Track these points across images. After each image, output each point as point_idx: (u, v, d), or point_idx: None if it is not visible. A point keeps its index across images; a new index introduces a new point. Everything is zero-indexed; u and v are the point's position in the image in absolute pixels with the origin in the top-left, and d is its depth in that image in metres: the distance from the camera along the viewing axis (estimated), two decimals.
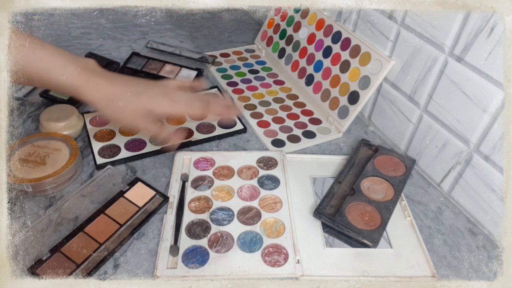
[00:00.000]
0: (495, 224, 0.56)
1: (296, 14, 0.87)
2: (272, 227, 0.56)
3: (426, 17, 0.58)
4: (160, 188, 0.61)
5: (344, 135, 0.74)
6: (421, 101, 0.63)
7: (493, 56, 0.50)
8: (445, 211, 0.61)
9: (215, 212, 0.58)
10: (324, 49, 0.79)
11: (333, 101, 0.75)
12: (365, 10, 0.70)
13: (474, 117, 0.55)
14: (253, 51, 0.98)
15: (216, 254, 0.52)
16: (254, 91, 0.84)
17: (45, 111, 0.68)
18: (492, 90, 0.51)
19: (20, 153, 0.61)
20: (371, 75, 0.69)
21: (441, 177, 0.63)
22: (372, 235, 0.53)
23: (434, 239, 0.57)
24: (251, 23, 1.11)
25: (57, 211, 0.56)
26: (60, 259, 0.50)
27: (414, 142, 0.67)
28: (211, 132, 0.72)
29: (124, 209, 0.57)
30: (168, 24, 1.07)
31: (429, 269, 0.52)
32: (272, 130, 0.74)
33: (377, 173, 0.63)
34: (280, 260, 0.52)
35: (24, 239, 0.52)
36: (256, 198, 0.60)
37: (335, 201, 0.59)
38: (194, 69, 0.86)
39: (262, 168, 0.65)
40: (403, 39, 0.63)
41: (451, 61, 0.56)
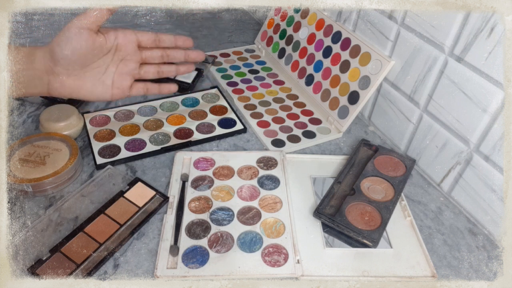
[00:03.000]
0: (495, 224, 0.56)
1: (296, 14, 0.87)
2: (272, 227, 0.56)
3: (426, 17, 0.58)
4: (160, 188, 0.61)
5: (344, 135, 0.74)
6: (421, 101, 0.63)
7: (493, 56, 0.50)
8: (445, 211, 0.61)
9: (215, 212, 0.58)
10: (324, 49, 0.79)
11: (333, 101, 0.75)
12: (365, 10, 0.70)
13: (474, 117, 0.55)
14: (253, 51, 0.98)
15: (216, 254, 0.52)
16: (254, 91, 0.84)
17: (45, 111, 0.68)
18: (492, 90, 0.51)
19: (20, 153, 0.61)
20: (371, 75, 0.69)
21: (441, 177, 0.63)
22: (372, 235, 0.53)
23: (434, 239, 0.57)
24: (251, 23, 1.11)
25: (57, 211, 0.56)
26: (60, 259, 0.50)
27: (414, 142, 0.67)
28: (211, 132, 0.72)
29: (124, 209, 0.57)
30: (168, 24, 1.07)
31: (429, 269, 0.52)
32: (272, 130, 0.74)
33: (377, 173, 0.63)
34: (280, 260, 0.52)
35: (24, 239, 0.52)
36: (256, 198, 0.60)
37: (335, 201, 0.59)
38: (194, 69, 0.86)
39: (262, 168, 0.65)
40: (403, 39, 0.63)
41: (451, 61, 0.56)
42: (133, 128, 0.71)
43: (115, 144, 0.68)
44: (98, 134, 0.70)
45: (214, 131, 0.72)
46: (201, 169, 0.64)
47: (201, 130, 0.72)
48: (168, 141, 0.69)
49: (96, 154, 0.65)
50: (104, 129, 0.71)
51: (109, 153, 0.66)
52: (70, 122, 0.67)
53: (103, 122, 0.72)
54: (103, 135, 0.70)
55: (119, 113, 0.75)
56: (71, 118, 0.67)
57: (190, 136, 0.71)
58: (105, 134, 0.70)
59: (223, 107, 0.78)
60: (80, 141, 0.69)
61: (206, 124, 0.74)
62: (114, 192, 0.59)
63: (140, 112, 0.75)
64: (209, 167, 0.65)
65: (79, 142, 0.68)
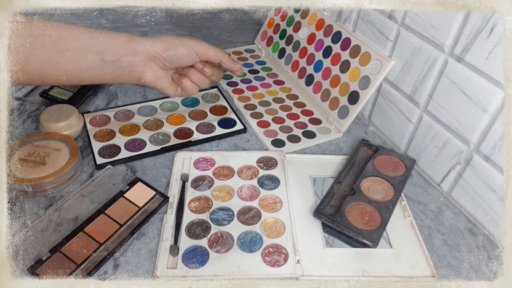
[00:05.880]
0: (495, 224, 0.56)
1: (296, 14, 0.87)
2: (272, 227, 0.56)
3: (426, 17, 0.58)
4: (160, 188, 0.61)
5: (344, 135, 0.74)
6: (421, 101, 0.63)
7: (493, 56, 0.50)
8: (445, 211, 0.61)
9: (215, 212, 0.58)
10: (324, 49, 0.79)
11: (333, 101, 0.75)
12: (365, 10, 0.70)
13: (474, 117, 0.55)
14: (253, 51, 0.98)
15: (216, 254, 0.52)
16: (254, 91, 0.84)
17: (45, 111, 0.68)
18: (492, 90, 0.51)
19: (20, 153, 0.61)
20: (371, 75, 0.69)
21: (441, 177, 0.63)
22: (372, 235, 0.53)
23: (434, 239, 0.57)
24: (251, 23, 1.11)
25: (57, 211, 0.56)
26: (60, 259, 0.50)
27: (414, 142, 0.67)
28: (211, 132, 0.72)
29: (124, 209, 0.57)
30: (168, 24, 1.07)
31: (429, 269, 0.52)
32: (272, 130, 0.74)
33: (377, 173, 0.63)
34: (280, 260, 0.52)
35: (24, 239, 0.52)
36: (256, 198, 0.60)
37: (335, 201, 0.59)
38: None
39: (262, 168, 0.65)
40: (403, 39, 0.63)
41: (451, 61, 0.56)
42: (133, 128, 0.71)
43: (115, 144, 0.68)
44: (98, 134, 0.70)
45: (214, 131, 0.72)
46: (201, 169, 0.64)
47: (201, 130, 0.72)
48: (168, 141, 0.69)
49: (96, 154, 0.65)
50: (104, 129, 0.71)
51: (109, 153, 0.66)
52: (70, 122, 0.67)
53: (103, 122, 0.72)
54: (103, 135, 0.70)
55: (119, 113, 0.75)
56: (71, 118, 0.67)
57: (190, 136, 0.71)
58: (105, 134, 0.70)
59: (223, 107, 0.78)
60: (80, 141, 0.69)
61: (206, 124, 0.74)
62: (114, 192, 0.59)
63: (140, 112, 0.75)
64: (209, 167, 0.65)
65: (79, 142, 0.68)
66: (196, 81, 0.62)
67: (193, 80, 0.62)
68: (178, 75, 0.62)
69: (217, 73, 0.64)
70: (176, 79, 0.62)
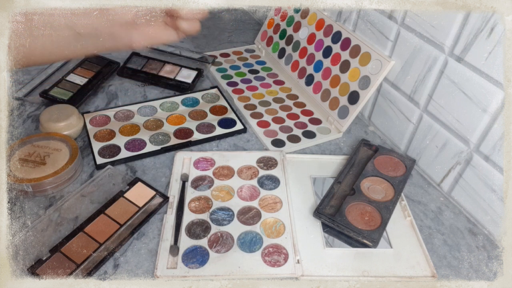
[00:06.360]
0: (495, 224, 0.56)
1: (296, 14, 0.87)
2: (272, 227, 0.56)
3: (426, 17, 0.58)
4: (160, 188, 0.61)
5: (344, 135, 0.74)
6: (421, 101, 0.63)
7: (493, 56, 0.50)
8: (445, 211, 0.61)
9: (215, 212, 0.58)
10: (324, 49, 0.79)
11: (333, 101, 0.75)
12: (365, 10, 0.70)
13: (474, 117, 0.55)
14: (253, 51, 0.98)
15: (216, 254, 0.52)
16: (254, 91, 0.84)
17: (45, 111, 0.68)
18: (492, 90, 0.51)
19: (20, 153, 0.61)
20: (371, 75, 0.69)
21: (441, 177, 0.63)
22: (372, 235, 0.53)
23: (434, 239, 0.57)
24: (251, 23, 1.11)
25: (57, 211, 0.56)
26: (60, 259, 0.50)
27: (414, 142, 0.67)
28: (211, 132, 0.72)
29: (124, 209, 0.57)
30: None
31: (429, 269, 0.52)
32: (272, 130, 0.74)
33: (377, 173, 0.63)
34: (280, 260, 0.52)
35: (24, 239, 0.52)
36: (256, 198, 0.60)
37: (335, 201, 0.59)
38: (194, 69, 0.86)
39: (262, 168, 0.65)
40: (403, 39, 0.63)
41: (451, 61, 0.56)
42: (133, 128, 0.71)
43: (115, 144, 0.68)
44: (98, 134, 0.70)
45: (214, 131, 0.72)
46: (201, 169, 0.64)
47: (201, 130, 0.72)
48: (168, 141, 0.69)
49: (96, 154, 0.65)
50: (104, 129, 0.71)
51: (109, 153, 0.66)
52: (70, 122, 0.67)
53: (103, 122, 0.72)
54: (103, 135, 0.70)
55: (119, 113, 0.75)
56: (71, 118, 0.67)
57: (190, 136, 0.71)
58: (105, 134, 0.70)
59: (223, 107, 0.78)
60: (80, 141, 0.69)
61: (206, 124, 0.74)
62: (114, 192, 0.59)
63: (140, 112, 0.75)
64: (209, 167, 0.65)
65: (79, 142, 0.68)
66: (187, 14, 0.57)
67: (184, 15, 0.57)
68: (170, 17, 0.58)
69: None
70: (170, 23, 0.58)
